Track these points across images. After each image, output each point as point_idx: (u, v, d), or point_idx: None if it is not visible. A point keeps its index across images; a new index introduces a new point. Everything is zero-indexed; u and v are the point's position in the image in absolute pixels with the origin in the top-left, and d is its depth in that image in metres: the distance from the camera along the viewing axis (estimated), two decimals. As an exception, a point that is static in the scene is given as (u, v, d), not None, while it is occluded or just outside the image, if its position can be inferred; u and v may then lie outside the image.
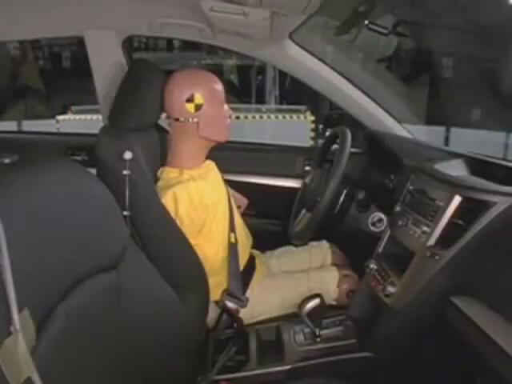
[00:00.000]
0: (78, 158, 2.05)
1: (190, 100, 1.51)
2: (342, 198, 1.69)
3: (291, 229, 1.87)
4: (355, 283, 1.75)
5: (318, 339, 1.49)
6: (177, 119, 1.53)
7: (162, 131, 1.68)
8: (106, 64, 1.78)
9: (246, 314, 1.63)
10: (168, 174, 1.55)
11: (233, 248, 1.62)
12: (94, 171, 1.24)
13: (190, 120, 1.52)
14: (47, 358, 0.73)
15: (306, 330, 1.54)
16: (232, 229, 1.65)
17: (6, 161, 0.84)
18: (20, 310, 0.67)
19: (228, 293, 1.57)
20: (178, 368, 1.22)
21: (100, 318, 0.92)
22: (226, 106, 1.60)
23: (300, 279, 1.77)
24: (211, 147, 1.63)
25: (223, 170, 1.75)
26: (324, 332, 1.51)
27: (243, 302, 1.58)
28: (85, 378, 0.85)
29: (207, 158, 1.66)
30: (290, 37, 1.68)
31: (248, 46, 1.75)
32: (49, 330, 0.76)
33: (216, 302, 1.57)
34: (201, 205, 1.50)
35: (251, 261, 1.77)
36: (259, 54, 1.80)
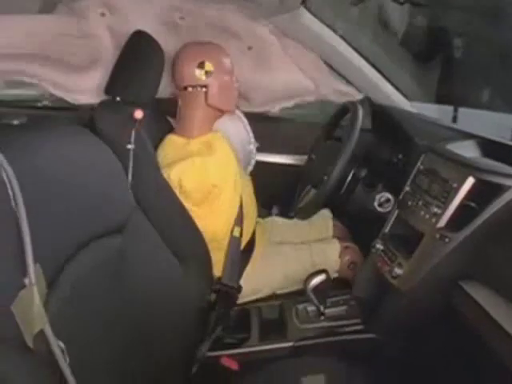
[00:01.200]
0: None
1: (201, 67, 1.52)
2: (349, 177, 1.66)
3: (295, 204, 1.84)
4: (357, 255, 1.77)
5: (322, 317, 1.48)
6: (185, 88, 1.55)
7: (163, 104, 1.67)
8: None
9: (248, 290, 1.62)
10: (174, 141, 1.55)
11: (234, 241, 1.60)
12: None
13: (199, 89, 1.54)
14: (57, 314, 0.74)
15: (310, 309, 1.53)
16: (238, 222, 1.62)
17: (15, 122, 0.86)
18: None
19: (221, 281, 1.56)
20: (178, 337, 1.22)
21: (104, 281, 0.94)
22: (234, 77, 1.61)
23: (302, 251, 1.77)
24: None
25: None
26: (328, 311, 1.49)
27: (235, 290, 1.57)
28: (89, 336, 0.86)
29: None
30: (304, 4, 1.62)
31: (260, 11, 1.69)
32: (59, 287, 0.77)
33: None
34: (208, 180, 1.47)
35: (251, 242, 1.74)
36: (272, 21, 1.74)
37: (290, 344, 1.46)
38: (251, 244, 1.72)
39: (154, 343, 1.09)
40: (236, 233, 1.60)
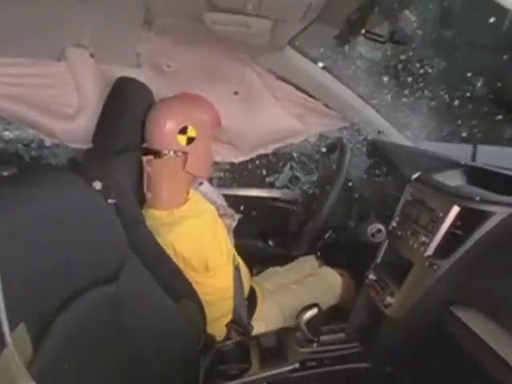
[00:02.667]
0: None
1: (183, 132, 1.43)
2: (340, 210, 1.69)
3: (289, 238, 1.87)
4: (350, 279, 1.84)
5: (316, 344, 1.48)
6: (160, 153, 1.45)
7: None
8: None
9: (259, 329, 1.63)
10: (157, 214, 1.47)
11: (237, 272, 1.59)
12: None
13: (178, 154, 1.45)
14: (46, 371, 0.73)
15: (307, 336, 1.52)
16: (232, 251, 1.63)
17: (5, 173, 0.84)
18: (16, 324, 0.68)
19: (233, 321, 1.56)
20: (176, 376, 1.22)
21: (101, 327, 0.93)
22: (212, 144, 1.55)
23: (306, 285, 1.80)
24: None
25: None
26: (326, 337, 1.51)
27: (247, 330, 1.58)
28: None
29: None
30: (291, 43, 1.68)
31: (249, 52, 1.74)
32: (49, 342, 0.76)
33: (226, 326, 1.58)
34: (201, 242, 1.44)
35: (252, 290, 1.74)
36: (260, 61, 1.79)
37: (291, 367, 1.43)
38: (252, 291, 1.73)
39: (155, 382, 1.11)
40: (236, 262, 1.61)
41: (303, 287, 1.80)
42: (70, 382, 0.81)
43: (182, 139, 1.43)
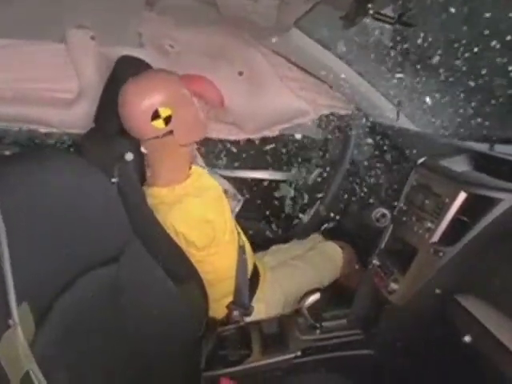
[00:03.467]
0: None
1: (156, 117, 1.32)
2: (345, 194, 1.68)
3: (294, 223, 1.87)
4: (351, 251, 1.85)
5: (318, 331, 1.49)
6: (148, 139, 1.37)
7: None
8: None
9: (262, 311, 1.64)
10: (159, 192, 1.43)
11: (241, 252, 1.59)
12: None
13: (163, 136, 1.36)
14: (46, 351, 0.73)
15: (309, 322, 1.53)
16: (237, 232, 1.62)
17: (7, 153, 0.85)
18: (19, 303, 0.67)
19: (234, 302, 1.57)
20: (178, 361, 1.22)
21: (101, 311, 0.93)
22: (195, 100, 1.43)
23: (308, 259, 1.81)
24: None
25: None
26: (328, 324, 1.51)
27: (248, 310, 1.58)
28: (85, 371, 0.85)
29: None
30: (296, 25, 1.64)
31: (254, 33, 1.71)
32: (48, 324, 0.76)
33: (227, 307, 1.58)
34: (202, 222, 1.42)
35: (255, 270, 1.73)
36: (265, 42, 1.76)
37: (293, 355, 1.44)
38: (255, 271, 1.72)
39: (156, 367, 1.10)
40: (240, 242, 1.61)
41: (304, 262, 1.81)
42: (68, 367, 0.80)
43: (159, 123, 1.33)
